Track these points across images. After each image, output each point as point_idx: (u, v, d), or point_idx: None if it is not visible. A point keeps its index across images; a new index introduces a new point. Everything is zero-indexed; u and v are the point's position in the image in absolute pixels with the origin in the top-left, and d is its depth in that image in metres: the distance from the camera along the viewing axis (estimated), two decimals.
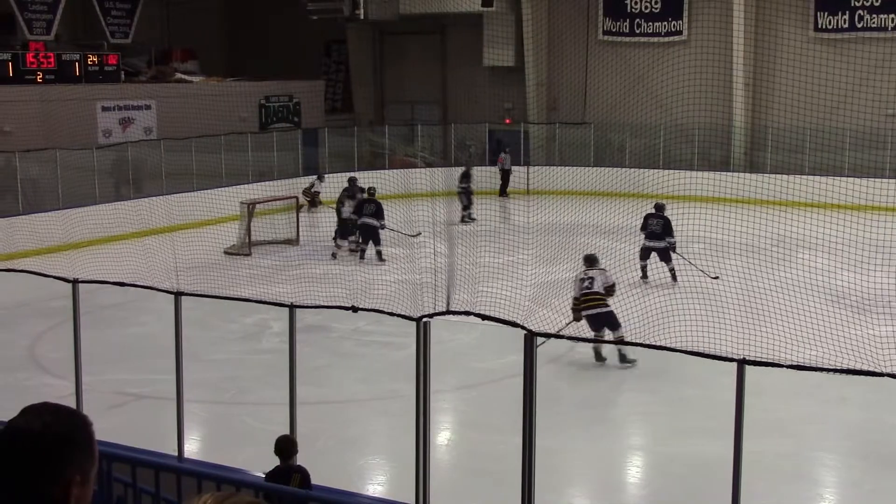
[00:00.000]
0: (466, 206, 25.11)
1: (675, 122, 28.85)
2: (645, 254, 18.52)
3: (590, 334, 12.95)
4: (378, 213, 20.24)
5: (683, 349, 7.41)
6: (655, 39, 30.91)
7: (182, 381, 9.05)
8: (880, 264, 15.96)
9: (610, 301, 13.27)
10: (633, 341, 12.29)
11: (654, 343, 7.94)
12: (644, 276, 18.50)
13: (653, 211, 18.82)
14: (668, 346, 7.76)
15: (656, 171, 27.74)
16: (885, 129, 26.71)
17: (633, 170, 28.54)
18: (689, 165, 27.56)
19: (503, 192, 29.41)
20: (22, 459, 2.15)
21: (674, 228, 18.33)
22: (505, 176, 29.57)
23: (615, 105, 30.95)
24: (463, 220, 24.70)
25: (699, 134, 28.95)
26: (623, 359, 13.15)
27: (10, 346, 14.92)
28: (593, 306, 13.05)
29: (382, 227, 20.25)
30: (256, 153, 28.36)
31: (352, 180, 22.73)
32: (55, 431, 2.18)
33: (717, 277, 17.13)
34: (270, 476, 7.72)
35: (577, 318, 13.14)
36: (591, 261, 13.74)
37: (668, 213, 18.70)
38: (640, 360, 13.03)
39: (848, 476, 10.53)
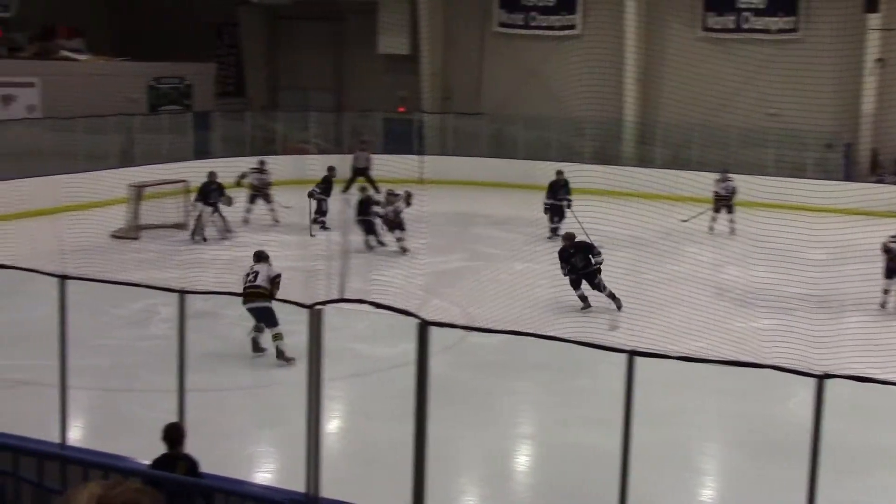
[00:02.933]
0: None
1: (568, 116, 29.17)
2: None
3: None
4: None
5: (575, 340, 7.50)
6: (549, 33, 31.21)
7: (67, 367, 8.80)
8: (762, 259, 16.42)
9: (276, 294, 13.12)
10: (524, 331, 12.38)
11: (545, 333, 8.00)
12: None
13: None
14: (560, 336, 7.83)
15: (549, 163, 28.02)
16: (767, 128, 27.46)
17: (525, 161, 28.76)
18: (581, 158, 27.88)
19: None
20: None
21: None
22: (357, 173, 26.17)
23: (509, 96, 31.16)
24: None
25: (591, 127, 29.31)
26: (280, 355, 13.07)
27: None
28: (252, 299, 13.12)
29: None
30: (146, 135, 27.74)
31: (212, 174, 21.38)
32: None
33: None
34: (156, 464, 7.59)
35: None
36: (258, 256, 13.83)
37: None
38: (530, 350, 13.05)
39: (730, 465, 10.84)
